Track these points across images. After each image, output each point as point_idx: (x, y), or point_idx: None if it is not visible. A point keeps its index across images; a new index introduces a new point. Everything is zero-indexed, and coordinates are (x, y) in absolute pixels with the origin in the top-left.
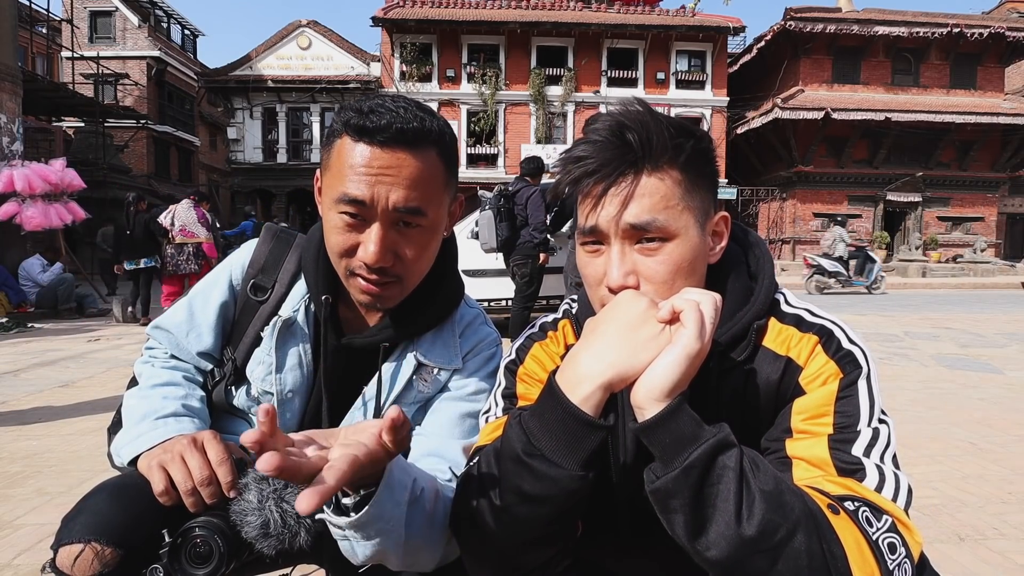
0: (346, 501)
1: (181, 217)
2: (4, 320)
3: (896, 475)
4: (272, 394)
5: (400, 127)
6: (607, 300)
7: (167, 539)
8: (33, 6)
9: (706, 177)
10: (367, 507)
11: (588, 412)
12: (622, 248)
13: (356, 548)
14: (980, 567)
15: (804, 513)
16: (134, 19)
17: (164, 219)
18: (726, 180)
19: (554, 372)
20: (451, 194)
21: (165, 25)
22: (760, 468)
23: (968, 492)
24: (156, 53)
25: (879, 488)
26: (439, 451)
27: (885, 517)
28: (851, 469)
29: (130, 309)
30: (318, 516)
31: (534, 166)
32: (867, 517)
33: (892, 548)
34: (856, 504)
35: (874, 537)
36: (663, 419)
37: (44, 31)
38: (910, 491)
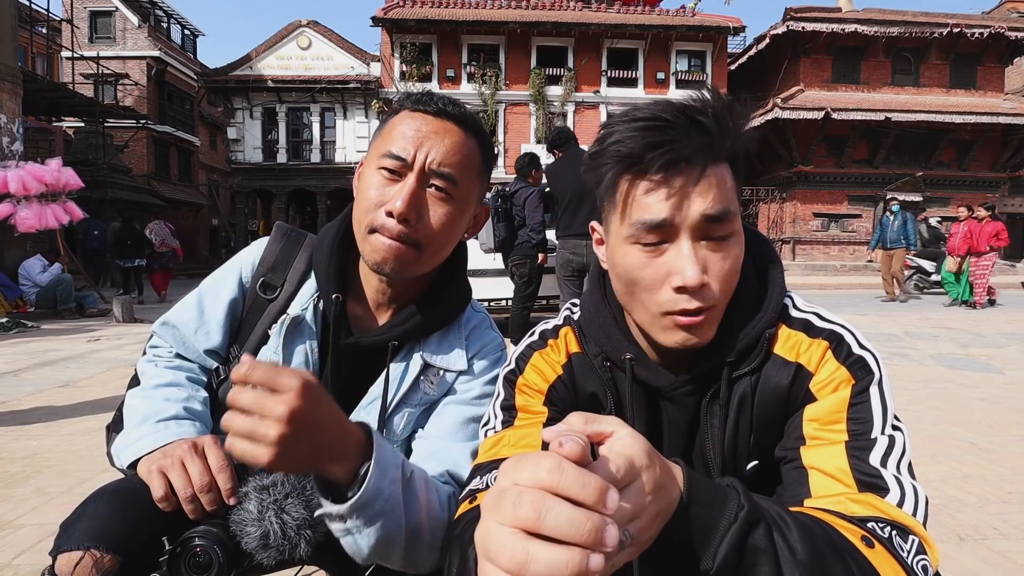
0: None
1: (159, 234)
2: (4, 320)
3: (914, 487)
4: None
5: (452, 105)
6: (670, 306)
7: (167, 547)
8: (33, 6)
9: (742, 173)
10: (364, 484)
11: None
12: (693, 243)
13: (360, 541)
14: (980, 567)
15: (847, 572)
16: (134, 19)
17: (150, 235)
18: None
19: None
20: (480, 191)
21: (165, 25)
22: (790, 531)
23: (968, 492)
24: (156, 53)
25: (901, 503)
26: (440, 454)
27: (912, 537)
28: (871, 483)
29: (120, 291)
30: (317, 513)
31: (526, 161)
32: (898, 542)
33: (925, 570)
34: (883, 526)
35: (909, 562)
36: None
37: (44, 31)
38: (927, 503)
